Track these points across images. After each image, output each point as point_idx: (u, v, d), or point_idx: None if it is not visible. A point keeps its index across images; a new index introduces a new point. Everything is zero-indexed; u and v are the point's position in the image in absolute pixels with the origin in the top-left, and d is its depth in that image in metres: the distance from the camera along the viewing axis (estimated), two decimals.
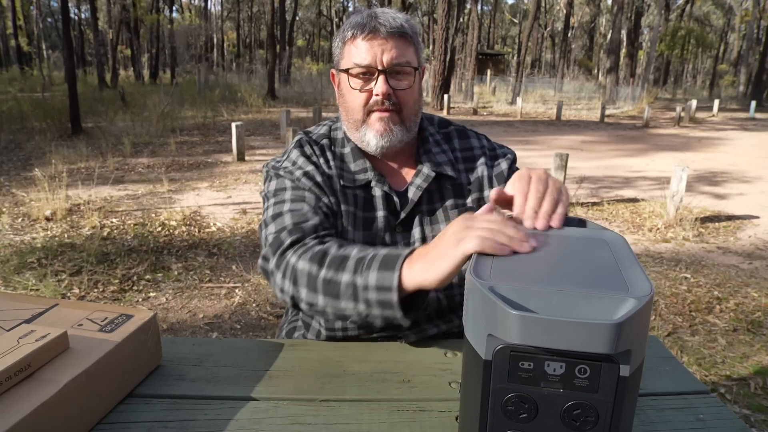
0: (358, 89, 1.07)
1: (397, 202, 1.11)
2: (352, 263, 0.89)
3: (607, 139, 13.12)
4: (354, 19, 1.08)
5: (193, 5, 49.36)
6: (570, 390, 0.58)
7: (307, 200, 1.05)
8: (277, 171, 1.11)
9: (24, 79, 24.82)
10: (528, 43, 24.55)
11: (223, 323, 3.19)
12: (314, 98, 19.89)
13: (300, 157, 1.12)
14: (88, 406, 0.77)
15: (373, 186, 1.11)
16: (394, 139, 1.08)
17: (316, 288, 0.91)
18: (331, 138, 1.17)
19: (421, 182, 1.12)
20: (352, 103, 1.09)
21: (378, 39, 1.04)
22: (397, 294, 0.82)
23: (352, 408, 0.84)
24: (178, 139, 10.15)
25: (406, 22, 1.08)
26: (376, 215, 1.11)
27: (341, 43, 1.10)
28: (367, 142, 1.09)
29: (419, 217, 1.13)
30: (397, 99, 1.07)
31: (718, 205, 6.53)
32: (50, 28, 47.24)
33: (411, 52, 1.08)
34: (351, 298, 0.87)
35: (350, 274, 0.88)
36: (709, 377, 2.74)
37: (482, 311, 0.60)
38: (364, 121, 1.09)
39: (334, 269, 0.90)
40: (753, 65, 33.25)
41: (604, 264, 0.66)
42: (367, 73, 1.06)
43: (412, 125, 1.12)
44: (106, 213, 5.23)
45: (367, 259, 0.88)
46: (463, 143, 1.21)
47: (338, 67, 1.12)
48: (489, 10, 53.67)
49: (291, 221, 1.01)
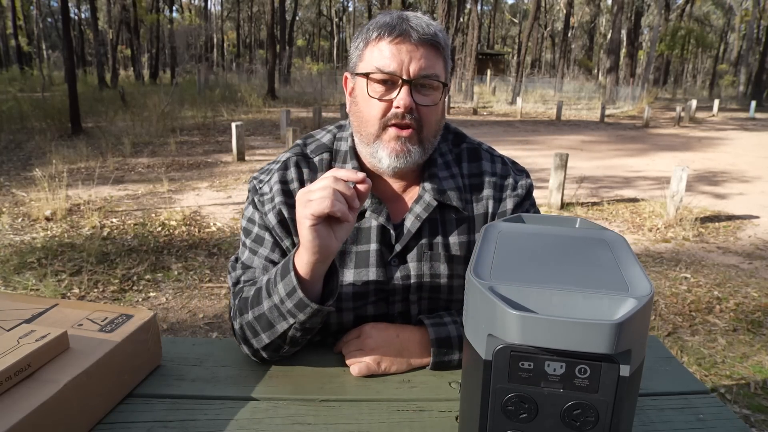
0: (377, 98, 0.94)
1: (393, 234, 1.01)
2: (264, 289, 0.91)
3: (607, 139, 13.12)
4: (381, 19, 0.96)
5: (193, 5, 49.38)
6: (570, 390, 0.58)
7: (266, 242, 1.01)
8: (256, 194, 1.04)
9: (24, 79, 24.82)
10: (528, 43, 24.55)
11: (223, 323, 3.19)
12: (314, 98, 19.90)
13: (276, 184, 1.01)
14: (88, 406, 0.77)
15: (368, 216, 1.01)
16: (410, 161, 0.97)
17: (256, 331, 0.92)
18: (333, 151, 1.06)
19: (420, 211, 1.01)
20: (368, 113, 0.96)
21: (407, 44, 0.92)
22: (300, 288, 0.85)
23: (352, 408, 0.84)
24: (178, 139, 10.15)
25: (440, 32, 0.96)
26: (369, 248, 1.01)
27: (363, 44, 0.97)
28: (379, 159, 0.97)
29: (418, 251, 1.02)
30: (419, 115, 0.95)
31: (718, 205, 6.53)
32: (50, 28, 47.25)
33: (440, 66, 0.96)
34: (281, 318, 0.89)
35: (267, 299, 0.90)
36: (709, 377, 2.74)
37: (482, 311, 0.60)
38: (378, 136, 0.96)
39: (256, 305, 0.92)
40: (753, 65, 33.26)
41: (605, 264, 0.66)
42: (389, 81, 0.94)
43: (430, 147, 1.01)
44: (106, 213, 5.23)
45: (273, 276, 0.90)
46: (472, 167, 1.08)
47: (355, 71, 0.99)
48: (489, 10, 53.69)
49: (242, 259, 1.04)
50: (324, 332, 1.03)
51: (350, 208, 0.82)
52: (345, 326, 1.02)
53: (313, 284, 0.88)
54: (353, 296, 1.01)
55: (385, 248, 1.01)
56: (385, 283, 1.02)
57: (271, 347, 0.93)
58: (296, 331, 0.90)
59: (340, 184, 0.81)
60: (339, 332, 1.03)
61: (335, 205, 0.79)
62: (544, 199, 6.14)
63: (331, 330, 1.03)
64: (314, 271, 0.86)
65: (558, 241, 0.74)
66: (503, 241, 0.74)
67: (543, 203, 6.10)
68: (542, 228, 0.80)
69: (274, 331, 0.90)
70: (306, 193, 0.82)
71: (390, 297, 1.03)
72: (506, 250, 0.72)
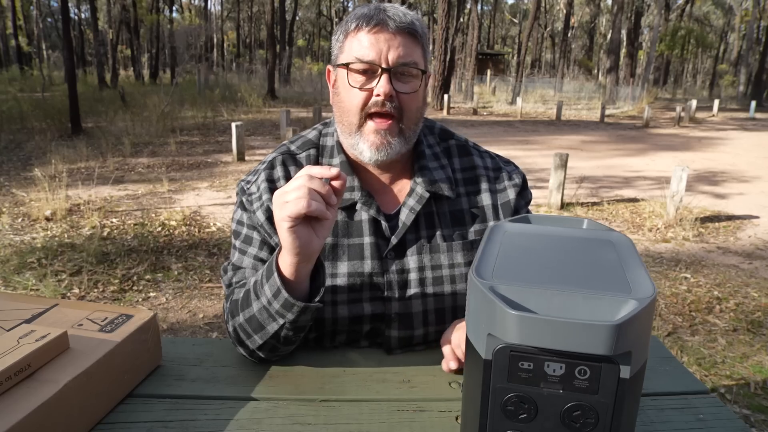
0: (357, 87, 0.96)
1: (385, 226, 1.02)
2: (252, 291, 0.92)
3: (607, 139, 13.12)
4: (360, 10, 0.98)
5: (193, 5, 49.37)
6: (570, 391, 0.57)
7: (254, 242, 1.03)
8: (243, 195, 1.06)
9: (24, 79, 24.82)
10: (528, 43, 24.55)
11: (223, 323, 3.19)
12: (314, 98, 19.89)
13: (263, 182, 1.03)
14: (88, 406, 0.77)
15: (359, 209, 1.02)
16: (391, 152, 0.98)
17: (248, 333, 0.93)
18: (320, 146, 1.07)
19: (414, 203, 1.02)
20: (349, 103, 0.98)
21: (385, 33, 0.95)
22: (285, 289, 0.86)
23: (352, 408, 0.84)
24: (178, 139, 10.15)
25: (417, 20, 0.99)
26: (363, 241, 1.02)
27: (342, 36, 1.00)
28: (360, 151, 0.99)
29: (417, 245, 1.03)
30: (399, 103, 0.97)
31: (718, 205, 6.53)
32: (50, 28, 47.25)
33: (419, 53, 0.99)
34: (271, 319, 0.90)
35: (256, 300, 0.91)
36: (709, 377, 2.74)
37: (482, 310, 0.60)
38: (359, 127, 0.98)
39: (246, 307, 0.93)
40: (753, 65, 33.25)
41: (608, 265, 0.66)
42: (368, 71, 0.96)
43: (412, 135, 1.02)
44: (106, 213, 5.23)
45: (259, 278, 0.91)
46: (464, 162, 1.10)
47: (336, 62, 1.01)
48: (489, 10, 53.67)
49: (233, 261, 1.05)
50: (319, 328, 1.02)
51: (328, 205, 0.82)
52: (340, 321, 1.01)
53: (299, 283, 0.88)
54: (348, 289, 1.01)
55: (381, 241, 1.02)
56: (381, 276, 1.01)
57: (265, 348, 0.93)
58: (288, 330, 0.90)
59: (314, 182, 0.80)
60: (334, 327, 1.02)
61: (311, 205, 0.79)
62: (544, 199, 6.14)
63: (326, 325, 1.02)
64: (298, 271, 0.86)
65: (563, 242, 0.74)
66: (508, 242, 0.74)
67: (543, 203, 6.10)
68: (548, 229, 0.79)
69: (265, 332, 0.91)
70: (281, 194, 0.81)
71: (387, 291, 1.02)
72: (511, 250, 0.71)
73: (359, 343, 1.05)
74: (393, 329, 1.02)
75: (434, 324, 1.04)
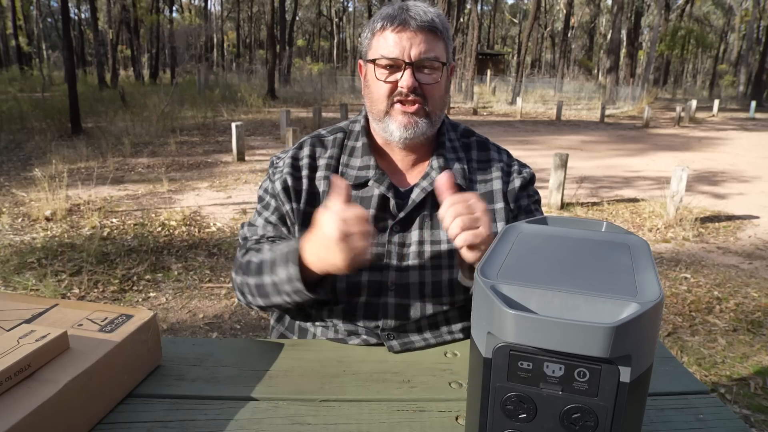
0: (383, 80, 1.06)
1: (393, 203, 1.09)
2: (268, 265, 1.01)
3: (607, 139, 13.12)
4: (385, 10, 1.08)
5: (193, 5, 49.36)
6: (569, 393, 0.57)
7: (270, 207, 1.14)
8: (271, 167, 1.19)
9: (24, 79, 24.83)
10: (528, 43, 24.55)
11: (223, 323, 3.19)
12: (314, 98, 19.90)
13: (289, 158, 1.14)
14: (88, 406, 0.77)
15: (370, 185, 1.10)
16: (418, 131, 1.08)
17: (254, 295, 1.06)
18: (347, 131, 1.18)
19: (427, 185, 1.10)
20: (377, 93, 1.08)
21: (407, 32, 1.04)
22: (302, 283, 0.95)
23: (352, 408, 0.84)
24: (178, 139, 10.15)
25: (438, 17, 1.07)
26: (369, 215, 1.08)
27: (370, 34, 1.10)
28: (390, 132, 1.09)
29: (420, 219, 1.10)
30: (423, 92, 1.07)
31: (718, 205, 6.53)
32: (50, 28, 47.26)
33: (440, 48, 1.07)
34: (278, 295, 1.00)
35: (269, 275, 1.00)
36: (709, 377, 2.74)
37: (483, 309, 0.60)
38: (387, 112, 1.08)
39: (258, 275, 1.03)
40: (753, 65, 33.27)
41: (620, 268, 0.65)
42: (393, 66, 1.06)
43: (437, 119, 1.12)
44: (106, 213, 5.23)
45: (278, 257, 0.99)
46: (481, 155, 1.19)
47: (365, 58, 1.12)
48: (489, 10, 53.69)
49: (250, 219, 1.19)
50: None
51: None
52: (338, 293, 1.06)
53: (314, 276, 0.96)
54: None
55: (381, 214, 1.09)
56: (381, 246, 1.08)
57: (264, 309, 1.09)
58: (289, 305, 1.02)
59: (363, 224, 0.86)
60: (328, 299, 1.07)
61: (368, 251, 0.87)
62: (544, 199, 6.14)
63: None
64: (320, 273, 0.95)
65: (578, 244, 0.73)
66: (521, 242, 0.74)
67: (543, 203, 6.10)
68: (564, 231, 0.78)
69: (269, 301, 1.03)
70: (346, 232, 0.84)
71: (385, 260, 1.08)
72: (521, 250, 0.71)
73: (355, 317, 1.07)
74: (390, 297, 1.07)
75: (431, 296, 1.08)
